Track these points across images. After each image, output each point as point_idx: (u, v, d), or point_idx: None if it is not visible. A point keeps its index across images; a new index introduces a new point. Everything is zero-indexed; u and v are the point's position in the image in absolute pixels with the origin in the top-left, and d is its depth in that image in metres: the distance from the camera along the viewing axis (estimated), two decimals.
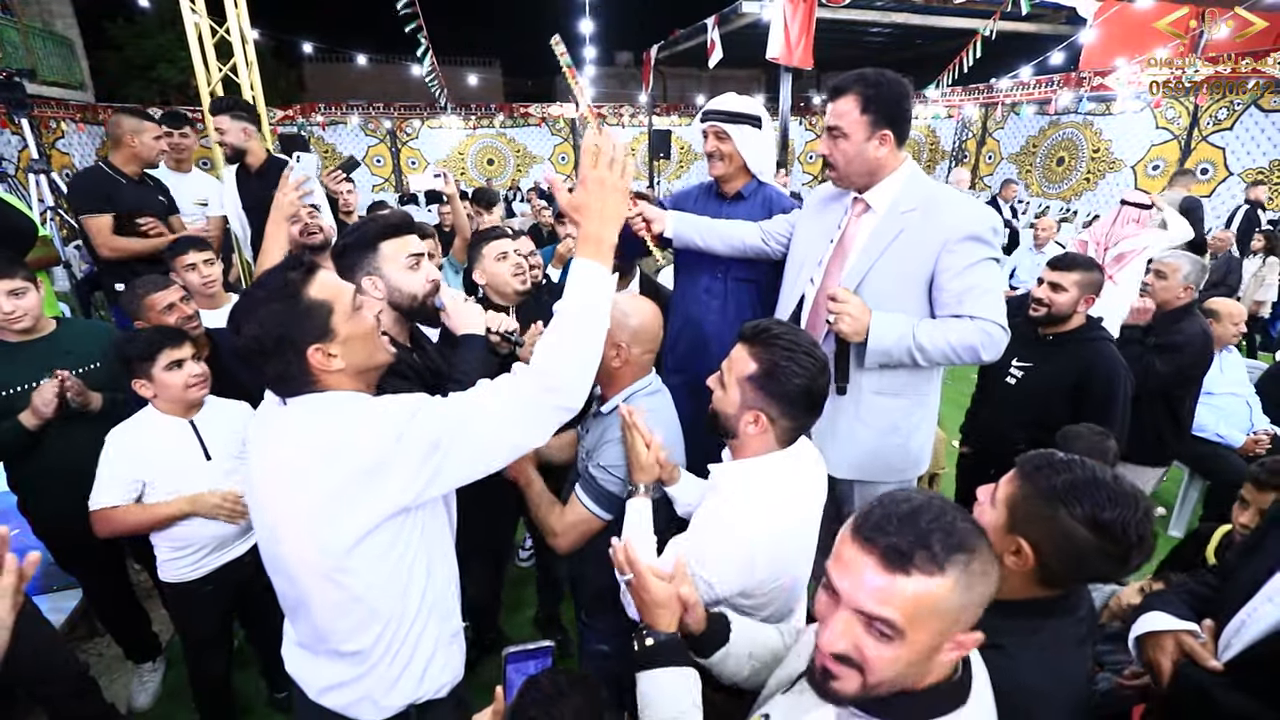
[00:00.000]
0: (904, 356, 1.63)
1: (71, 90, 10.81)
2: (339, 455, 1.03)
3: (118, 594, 2.30)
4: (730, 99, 2.18)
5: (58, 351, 2.01)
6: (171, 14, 11.18)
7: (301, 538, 1.07)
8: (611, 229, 1.15)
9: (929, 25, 8.43)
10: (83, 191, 2.99)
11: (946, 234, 1.62)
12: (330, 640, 1.15)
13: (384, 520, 1.07)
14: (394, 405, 1.09)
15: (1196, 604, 1.38)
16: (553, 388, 1.09)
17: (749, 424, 1.24)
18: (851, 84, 1.65)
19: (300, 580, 1.12)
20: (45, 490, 2.05)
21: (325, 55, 16.62)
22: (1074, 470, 1.03)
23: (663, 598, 1.06)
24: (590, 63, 11.14)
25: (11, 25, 9.43)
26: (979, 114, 10.63)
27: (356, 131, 12.38)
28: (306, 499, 1.04)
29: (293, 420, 1.09)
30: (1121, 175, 8.61)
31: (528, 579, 2.86)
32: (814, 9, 6.79)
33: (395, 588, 1.13)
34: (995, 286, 1.65)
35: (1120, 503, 0.98)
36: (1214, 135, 7.65)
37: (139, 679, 2.36)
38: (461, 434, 1.08)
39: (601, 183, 1.14)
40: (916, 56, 11.06)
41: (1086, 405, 2.23)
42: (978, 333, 1.60)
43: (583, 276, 1.12)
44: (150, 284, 2.13)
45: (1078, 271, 2.25)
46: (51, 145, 9.44)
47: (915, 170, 1.75)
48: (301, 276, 1.10)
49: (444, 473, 1.08)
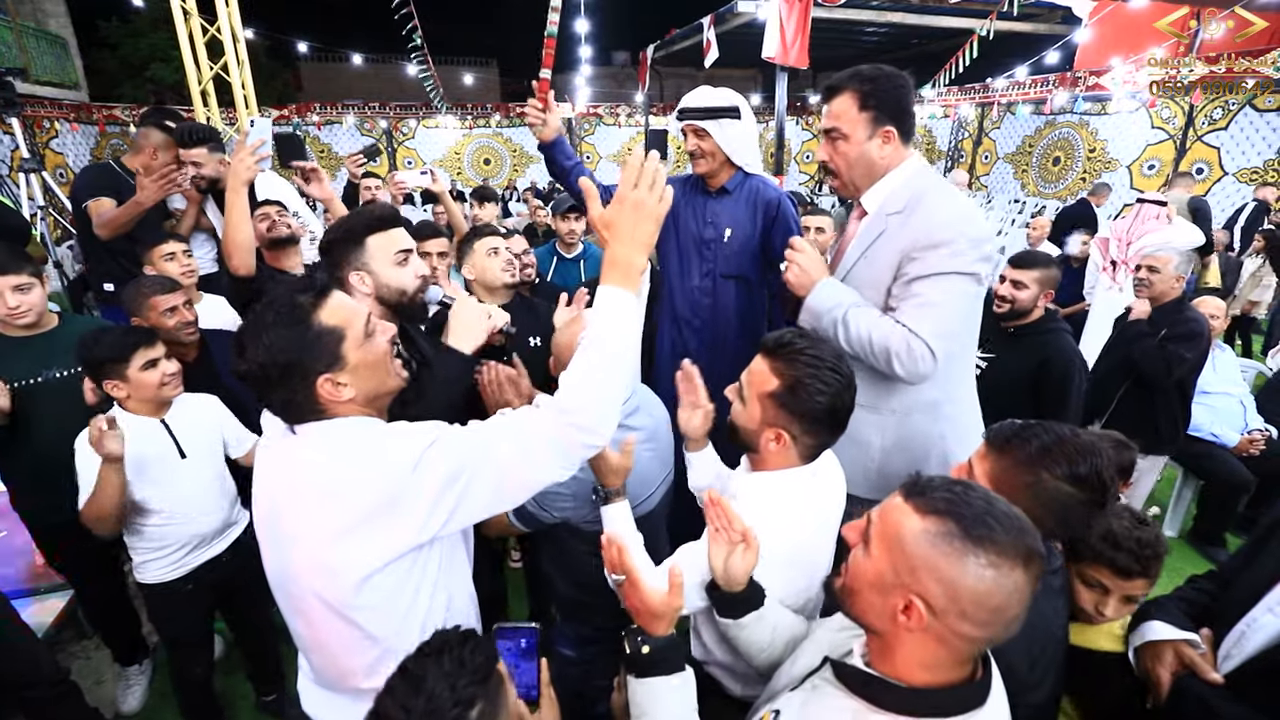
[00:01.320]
0: (830, 327, 1.54)
1: (65, 89, 10.77)
2: (353, 489, 0.98)
3: (110, 595, 2.28)
4: (704, 94, 2.11)
5: (60, 348, 2.00)
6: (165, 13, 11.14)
7: (312, 574, 1.02)
8: (642, 254, 1.07)
9: (925, 25, 8.43)
10: (89, 181, 2.98)
11: (913, 239, 1.49)
12: (349, 679, 1.10)
13: (397, 558, 1.01)
14: (410, 433, 1.04)
15: (1194, 612, 1.36)
16: (580, 425, 1.02)
17: (770, 441, 1.20)
18: (847, 81, 1.53)
19: (313, 618, 1.06)
20: (37, 489, 2.03)
21: (321, 55, 16.61)
22: (1040, 435, 1.12)
23: (658, 607, 1.02)
24: (587, 62, 11.14)
25: (5, 24, 9.39)
26: (975, 114, 10.63)
27: (352, 131, 12.35)
28: (318, 535, 0.99)
29: (303, 451, 1.04)
30: (1117, 175, 8.62)
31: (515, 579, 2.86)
32: (810, 8, 6.78)
33: (412, 624, 1.08)
34: (942, 302, 1.46)
35: (1089, 453, 1.07)
36: (1209, 135, 7.66)
37: (125, 682, 2.34)
38: (482, 468, 1.02)
39: (640, 205, 1.06)
40: (912, 56, 11.06)
41: (1044, 393, 2.40)
42: (901, 341, 1.45)
43: (611, 305, 1.04)
44: (157, 284, 2.12)
45: (1038, 269, 2.40)
46: (45, 145, 9.40)
47: (917, 169, 1.58)
48: (312, 300, 1.03)
49: (462, 508, 1.02)
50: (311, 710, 1.20)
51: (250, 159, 2.02)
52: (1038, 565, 0.77)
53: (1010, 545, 0.75)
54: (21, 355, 1.94)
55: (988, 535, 0.75)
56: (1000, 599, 0.75)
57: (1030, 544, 0.76)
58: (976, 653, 0.82)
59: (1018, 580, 0.75)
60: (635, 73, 13.12)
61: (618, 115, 13.63)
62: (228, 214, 2.04)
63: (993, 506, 0.78)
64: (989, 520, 0.76)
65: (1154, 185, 8.19)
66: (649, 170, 1.08)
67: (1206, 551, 3.10)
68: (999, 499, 0.80)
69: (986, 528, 0.76)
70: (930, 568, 0.77)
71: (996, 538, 0.75)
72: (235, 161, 2.03)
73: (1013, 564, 0.75)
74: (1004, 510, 0.78)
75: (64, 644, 2.51)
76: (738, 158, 2.12)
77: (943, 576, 0.76)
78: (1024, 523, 0.78)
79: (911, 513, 0.80)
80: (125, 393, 1.76)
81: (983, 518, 0.76)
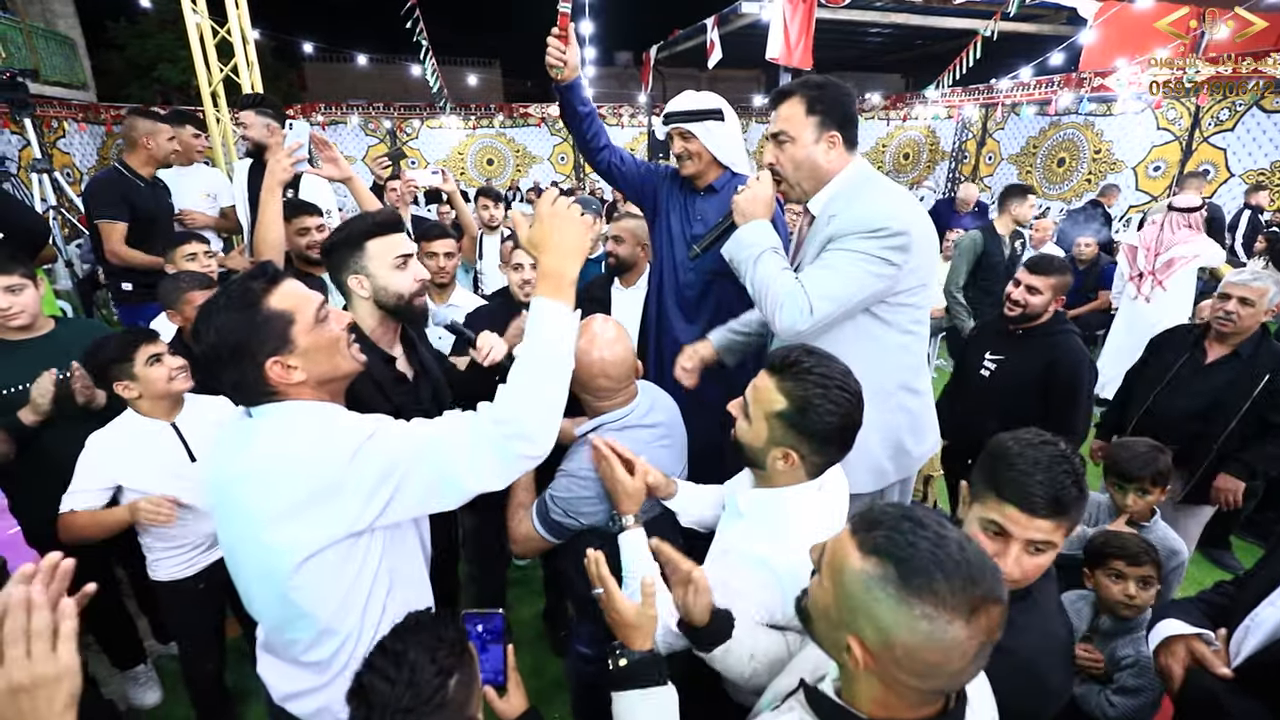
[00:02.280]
0: (743, 265, 1.63)
1: (73, 90, 10.83)
2: (296, 471, 1.01)
3: (104, 599, 2.26)
4: (688, 98, 2.17)
5: (57, 351, 2.00)
6: (172, 14, 11.20)
7: (255, 550, 1.06)
8: (572, 264, 1.11)
9: (929, 26, 8.44)
10: (101, 195, 3.02)
11: (834, 231, 1.56)
12: (291, 650, 1.14)
13: (334, 543, 1.04)
14: (353, 423, 1.07)
15: (1212, 613, 1.38)
16: (518, 435, 1.05)
17: (777, 460, 1.18)
18: (796, 88, 1.62)
19: (255, 592, 1.11)
20: (35, 493, 2.02)
21: (326, 55, 16.66)
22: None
23: (633, 618, 1.03)
24: (590, 63, 11.15)
25: (14, 25, 9.45)
26: (979, 115, 10.62)
27: (357, 131, 12.38)
28: (262, 513, 1.02)
29: (255, 433, 1.07)
30: (1122, 176, 8.59)
31: (534, 576, 2.88)
32: (814, 9, 6.80)
33: (353, 605, 1.11)
34: (840, 269, 1.52)
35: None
36: (1215, 136, 7.64)
37: (135, 680, 2.36)
38: (418, 466, 1.04)
39: (555, 215, 1.12)
40: (916, 57, 11.07)
41: (1052, 395, 2.38)
42: (787, 292, 1.52)
43: (542, 316, 1.08)
44: (196, 280, 2.17)
45: (1053, 275, 2.39)
46: (53, 145, 9.45)
47: (857, 172, 1.64)
48: (263, 286, 1.07)
49: (396, 501, 1.05)
50: (262, 673, 1.24)
51: (287, 160, 2.07)
52: (988, 616, 0.70)
53: (951, 596, 0.69)
54: (18, 359, 1.95)
55: (925, 585, 0.70)
56: (936, 654, 0.70)
57: (979, 595, 0.69)
58: (930, 698, 0.77)
59: (957, 634, 0.69)
60: (638, 73, 13.14)
61: (620, 115, 13.63)
62: (261, 213, 2.08)
63: (941, 550, 0.71)
64: (930, 568, 0.70)
65: (1160, 187, 8.16)
66: (551, 196, 1.15)
67: (1211, 554, 3.10)
68: (955, 539, 0.73)
69: (925, 576, 0.70)
70: (865, 612, 0.73)
71: (935, 587, 0.69)
72: (272, 163, 2.07)
73: (952, 617, 0.69)
74: (954, 554, 0.71)
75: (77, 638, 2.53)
76: (723, 157, 2.17)
77: (877, 624, 0.72)
78: (976, 570, 0.71)
79: (854, 550, 0.76)
80: (136, 392, 1.79)
81: (924, 565, 0.70)
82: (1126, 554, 1.67)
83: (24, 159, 8.13)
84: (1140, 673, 1.57)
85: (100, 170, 3.26)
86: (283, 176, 2.07)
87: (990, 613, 0.70)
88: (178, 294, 2.14)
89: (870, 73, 14.65)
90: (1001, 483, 1.08)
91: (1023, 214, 4.25)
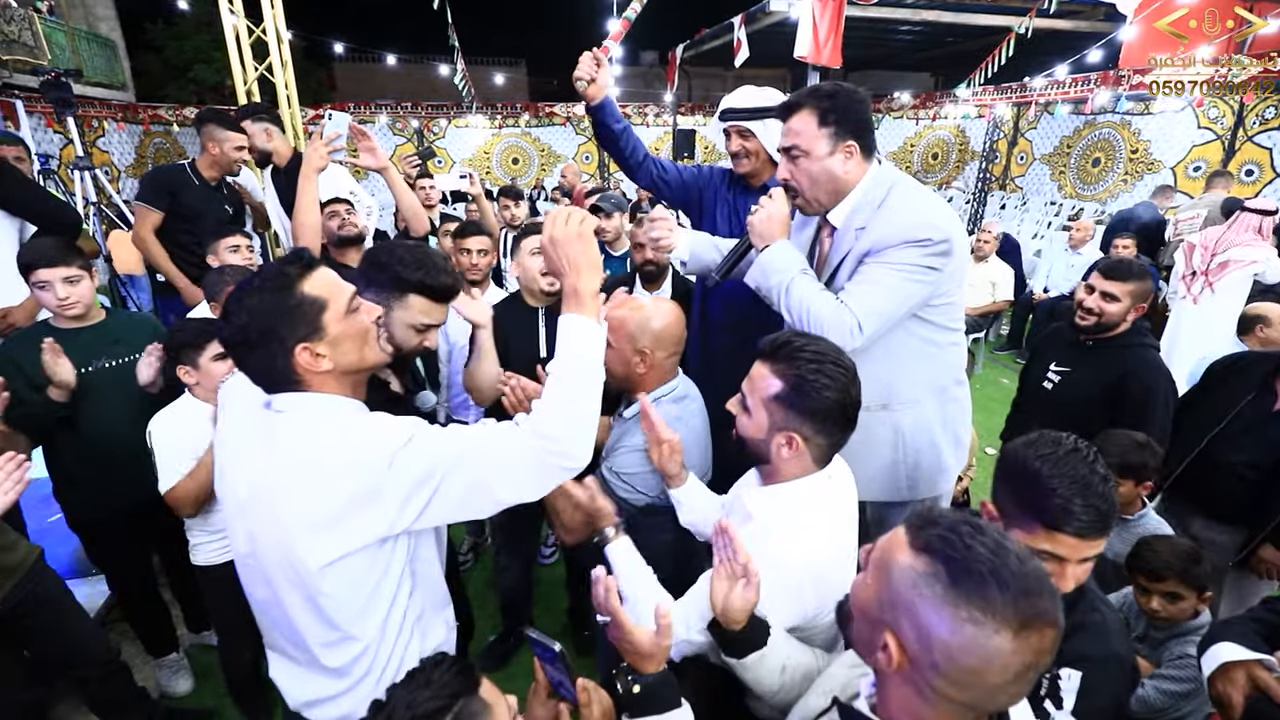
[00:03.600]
0: (773, 291, 1.57)
1: (113, 90, 11.17)
2: (336, 476, 1.00)
3: (141, 586, 2.34)
4: (747, 94, 2.12)
5: (107, 340, 2.08)
6: (208, 16, 11.43)
7: (281, 550, 1.04)
8: (588, 278, 1.11)
9: (960, 23, 8.26)
10: (149, 182, 3.15)
11: (872, 243, 1.52)
12: (310, 655, 1.13)
13: (363, 547, 1.04)
14: (389, 427, 1.06)
15: (1266, 632, 1.32)
16: (556, 452, 1.06)
17: (782, 447, 1.17)
18: (805, 99, 1.54)
19: (278, 593, 1.09)
20: (78, 479, 2.11)
21: (355, 55, 16.91)
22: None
23: (647, 649, 1.00)
24: (616, 62, 11.16)
25: (60, 28, 9.76)
26: (1011, 113, 10.40)
27: (385, 131, 12.54)
28: (292, 514, 1.01)
29: (282, 430, 1.06)
30: (1160, 177, 8.35)
31: (560, 576, 2.88)
32: (843, 7, 6.70)
33: (375, 612, 1.10)
34: (883, 283, 1.49)
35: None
36: (1260, 135, 7.39)
37: (167, 668, 2.41)
38: (456, 473, 1.04)
39: (554, 243, 1.11)
40: (947, 55, 10.86)
41: (1122, 410, 2.13)
42: (833, 313, 1.48)
43: (569, 333, 1.10)
44: (238, 274, 2.23)
45: (1133, 282, 2.14)
46: (92, 143, 9.73)
47: (879, 180, 1.58)
48: (299, 271, 1.07)
49: (432, 509, 1.05)
50: (276, 678, 1.23)
51: (324, 149, 2.14)
52: (1040, 636, 0.66)
53: (1003, 605, 0.66)
54: (70, 347, 2.00)
55: (976, 588, 0.67)
56: (976, 660, 0.66)
57: (1032, 610, 0.66)
58: (965, 715, 0.72)
59: (1002, 645, 0.65)
60: (663, 72, 13.10)
61: (645, 115, 13.62)
62: (298, 199, 2.14)
63: (999, 558, 0.68)
64: (983, 572, 0.67)
65: (1200, 188, 7.92)
66: (560, 217, 1.13)
67: None
68: (1016, 551, 0.69)
69: (978, 580, 0.67)
70: (907, 607, 0.71)
71: (987, 593, 0.66)
72: (310, 151, 2.14)
73: (999, 626, 0.65)
74: (1014, 566, 0.67)
75: (112, 624, 2.60)
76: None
77: (917, 620, 0.70)
78: (1034, 584, 0.67)
79: (906, 545, 0.74)
80: (195, 379, 1.87)
81: (977, 567, 0.67)
82: (1147, 570, 1.65)
83: (65, 157, 8.39)
84: (1183, 666, 1.56)
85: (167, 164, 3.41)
86: (319, 164, 2.13)
87: (1043, 634, 0.67)
88: (221, 286, 2.19)
89: (899, 71, 14.45)
90: (1045, 511, 1.04)
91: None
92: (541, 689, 1.08)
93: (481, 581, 3.01)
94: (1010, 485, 1.11)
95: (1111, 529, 1.06)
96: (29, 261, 1.96)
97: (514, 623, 2.49)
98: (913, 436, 1.69)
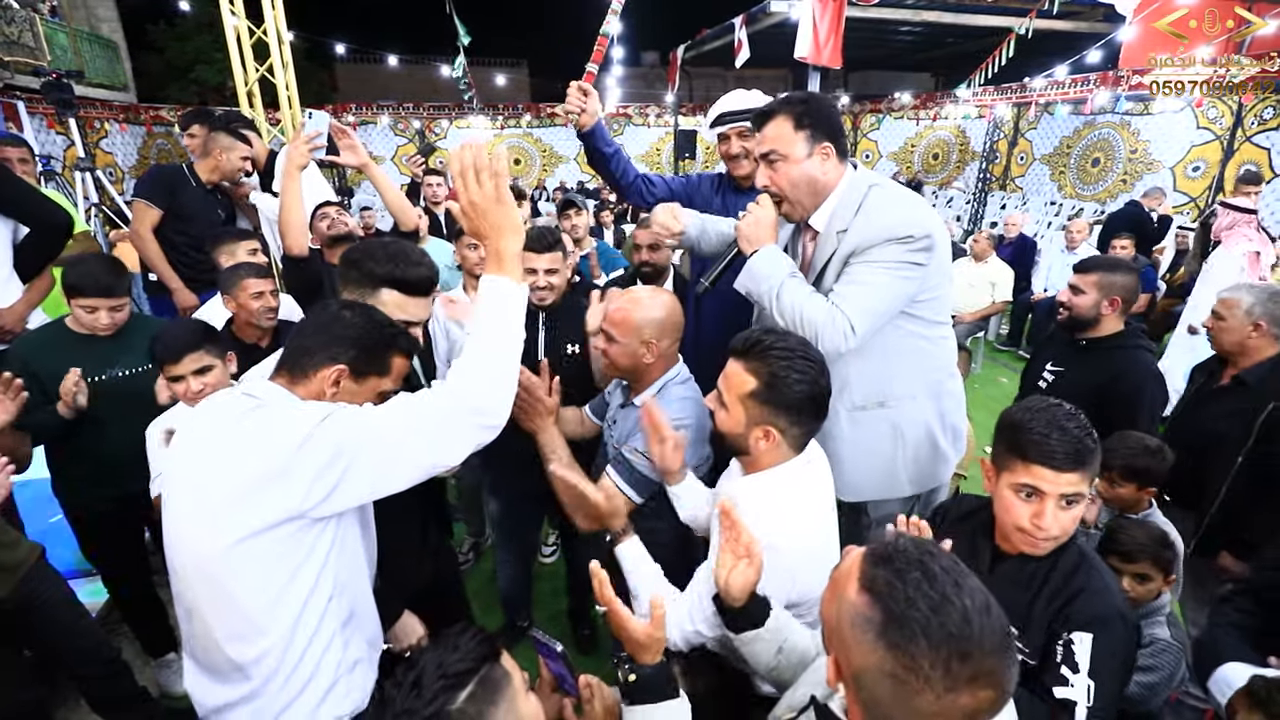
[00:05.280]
0: (764, 297, 1.57)
1: (115, 91, 11.20)
2: (245, 454, 1.03)
3: (136, 585, 2.34)
4: (740, 97, 2.16)
5: (124, 348, 2.09)
6: (209, 17, 11.47)
7: (191, 526, 1.06)
8: (509, 239, 1.10)
9: (961, 24, 8.27)
10: (149, 180, 3.16)
11: (855, 244, 1.54)
12: (216, 651, 1.09)
13: (273, 525, 1.02)
14: (307, 410, 1.08)
15: (1250, 638, 1.35)
16: (474, 408, 1.08)
17: (760, 440, 1.23)
18: (777, 107, 1.57)
19: (192, 589, 1.08)
20: (75, 477, 2.12)
21: (357, 56, 16.95)
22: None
23: (642, 638, 1.03)
24: (617, 63, 11.18)
25: (61, 29, 9.79)
26: (1011, 114, 10.40)
27: (386, 131, 12.56)
28: (207, 489, 1.04)
29: (229, 414, 1.09)
30: (1159, 177, 8.35)
31: (560, 573, 2.90)
32: (843, 8, 6.71)
33: (286, 607, 1.07)
34: (873, 283, 1.51)
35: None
36: (1259, 135, 7.39)
37: (166, 668, 2.42)
38: (369, 446, 1.05)
39: (473, 205, 1.09)
40: (946, 55, 10.88)
41: (1110, 412, 2.10)
42: (826, 316, 1.49)
43: (489, 294, 1.11)
44: (253, 269, 2.24)
45: (1096, 273, 2.18)
46: (95, 144, 9.76)
47: (856, 182, 1.61)
48: (394, 336, 1.24)
49: (345, 484, 1.04)
50: (189, 687, 1.19)
51: (305, 148, 2.15)
52: (972, 696, 0.63)
53: (930, 665, 0.63)
54: (88, 353, 2.03)
55: (905, 644, 0.64)
56: (901, 711, 0.65)
57: (967, 672, 0.63)
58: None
59: (923, 705, 0.63)
60: (665, 73, 13.12)
61: (647, 115, 13.64)
62: (282, 197, 2.16)
63: (938, 615, 0.64)
64: (915, 629, 0.64)
65: (1199, 188, 7.91)
66: (467, 163, 1.07)
67: None
68: (962, 607, 0.65)
69: (909, 636, 0.64)
70: (844, 642, 0.71)
71: (914, 650, 0.63)
72: (291, 149, 2.15)
73: (922, 687, 0.63)
74: (954, 625, 0.63)
75: (113, 624, 2.61)
76: None
77: (850, 658, 0.70)
78: (977, 643, 0.63)
79: (855, 579, 0.72)
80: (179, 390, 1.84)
81: (911, 623, 0.64)
82: (1120, 551, 1.66)
83: (68, 158, 8.42)
84: (1155, 653, 1.57)
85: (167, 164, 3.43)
86: (300, 162, 2.14)
87: (976, 695, 0.63)
88: (234, 279, 2.19)
89: (899, 71, 14.46)
90: (1024, 446, 1.15)
91: None
92: (546, 684, 1.11)
93: (482, 579, 3.01)
94: (1000, 436, 1.23)
95: (1088, 468, 1.14)
96: (79, 286, 1.96)
97: (513, 617, 2.50)
98: (911, 432, 1.72)
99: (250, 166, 3.31)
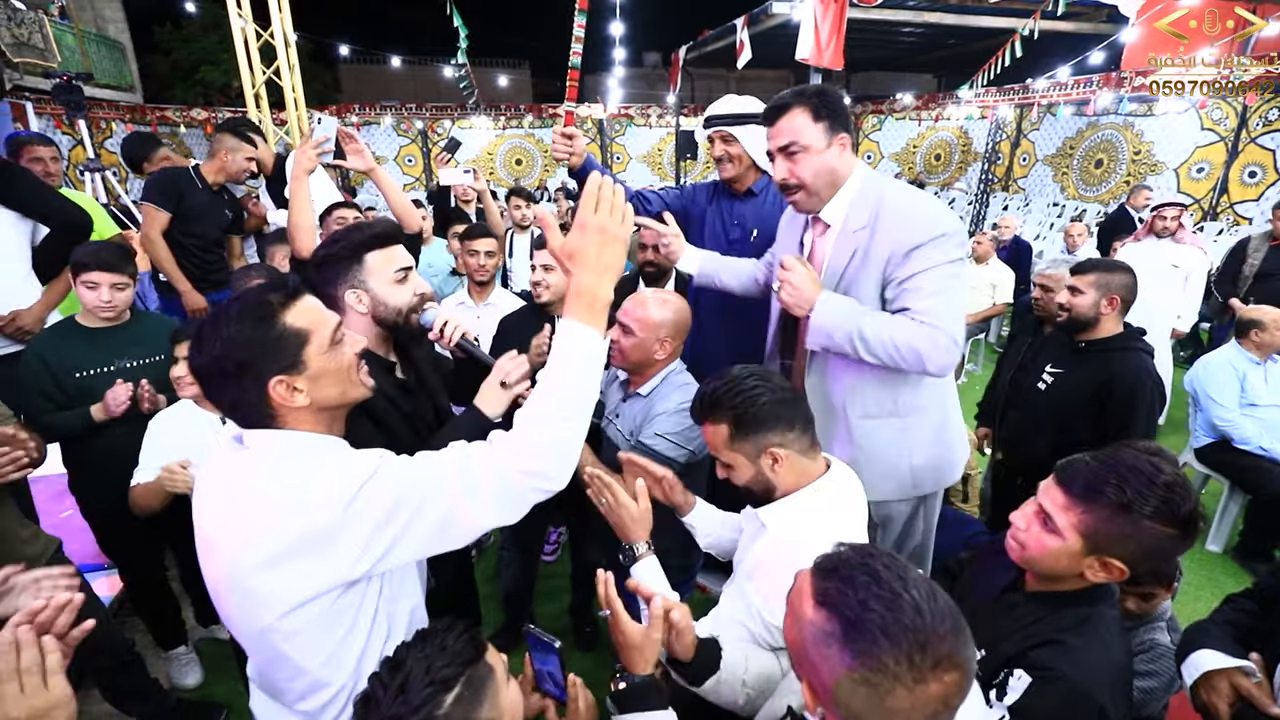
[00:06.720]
0: (845, 344, 1.52)
1: (121, 92, 11.26)
2: (283, 518, 0.91)
3: (153, 581, 2.37)
4: (730, 101, 2.21)
5: (131, 341, 2.12)
6: (215, 18, 11.53)
7: (241, 593, 0.95)
8: (608, 284, 0.98)
9: (963, 25, 8.28)
10: (157, 183, 3.18)
11: (895, 244, 1.53)
12: (283, 696, 1.05)
13: (325, 592, 0.94)
14: (351, 463, 0.97)
15: (1240, 635, 1.34)
16: (535, 472, 0.96)
17: (771, 465, 1.24)
18: (792, 99, 1.57)
19: (244, 637, 1.01)
20: (91, 472, 2.16)
21: (360, 57, 16.98)
22: (1131, 480, 1.03)
23: (637, 640, 1.04)
24: (619, 64, 11.21)
25: (69, 31, 9.85)
26: (1013, 115, 10.41)
27: (389, 132, 12.61)
28: (249, 555, 0.92)
29: (248, 467, 0.97)
30: (1163, 178, 8.35)
31: (561, 571, 2.92)
32: (845, 9, 6.72)
33: (346, 657, 1.01)
34: (947, 290, 1.50)
35: (1183, 493, 1.02)
36: (1263, 137, 7.39)
37: (176, 661, 2.45)
38: (423, 507, 0.95)
39: (603, 230, 0.98)
40: (949, 56, 10.87)
41: (1106, 413, 2.17)
42: (925, 338, 1.47)
43: (574, 342, 0.96)
44: (265, 271, 2.29)
45: (1094, 273, 2.21)
46: (101, 145, 9.82)
47: (864, 179, 1.63)
48: (282, 300, 0.98)
49: (399, 547, 0.95)
50: (255, 709, 1.15)
51: (313, 151, 2.18)
52: (940, 682, 0.66)
53: (895, 662, 0.65)
54: (97, 345, 2.06)
55: (868, 648, 0.66)
56: (879, 715, 0.68)
57: (930, 659, 0.66)
58: None
59: (899, 702, 0.66)
60: (667, 74, 13.13)
61: (649, 116, 13.66)
62: (291, 201, 2.18)
63: (892, 613, 0.67)
64: (874, 631, 0.66)
65: (1203, 189, 7.92)
66: (607, 193, 1.00)
67: (1253, 568, 3.01)
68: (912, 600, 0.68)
69: (870, 639, 0.66)
70: (811, 663, 0.72)
71: (878, 651, 0.66)
72: (299, 153, 2.18)
73: (893, 685, 0.66)
74: (908, 618, 0.67)
75: (125, 617, 2.64)
76: (763, 161, 2.18)
77: (820, 678, 0.71)
78: (932, 630, 0.67)
79: (809, 596, 0.73)
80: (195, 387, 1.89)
81: (869, 626, 0.67)
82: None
83: (74, 158, 8.48)
84: (1154, 658, 1.57)
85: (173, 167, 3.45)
86: (308, 165, 2.16)
87: (943, 679, 0.67)
88: (246, 281, 2.22)
89: (901, 72, 14.45)
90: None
91: None
92: (528, 683, 1.09)
93: (481, 578, 3.04)
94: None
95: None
96: (84, 261, 2.01)
97: (515, 615, 2.52)
98: (919, 438, 1.73)
99: (255, 168, 3.34)
